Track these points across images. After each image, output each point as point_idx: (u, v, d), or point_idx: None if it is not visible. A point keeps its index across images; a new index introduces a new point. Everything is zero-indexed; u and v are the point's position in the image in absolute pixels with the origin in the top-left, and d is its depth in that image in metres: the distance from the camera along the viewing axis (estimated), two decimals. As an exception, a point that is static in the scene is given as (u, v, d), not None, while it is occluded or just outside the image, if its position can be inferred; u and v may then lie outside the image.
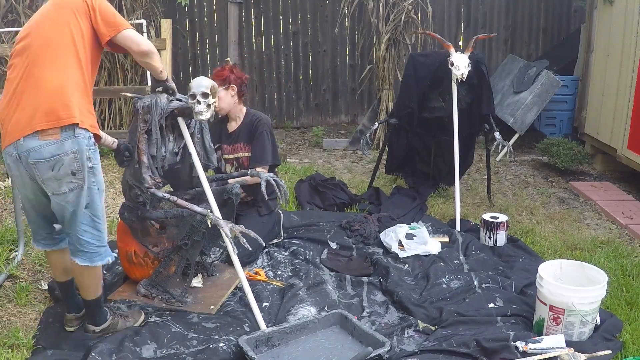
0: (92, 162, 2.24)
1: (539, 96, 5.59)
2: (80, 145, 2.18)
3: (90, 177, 2.24)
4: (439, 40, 4.02)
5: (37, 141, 2.12)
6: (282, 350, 2.45)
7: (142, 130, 2.56)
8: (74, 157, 2.16)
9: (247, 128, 3.49)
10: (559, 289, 2.47)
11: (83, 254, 2.34)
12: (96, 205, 2.30)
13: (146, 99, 2.56)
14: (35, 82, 2.16)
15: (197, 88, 2.52)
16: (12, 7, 5.53)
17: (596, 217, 4.18)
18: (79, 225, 2.28)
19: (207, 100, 2.52)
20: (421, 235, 3.49)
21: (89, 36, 2.26)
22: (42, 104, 2.13)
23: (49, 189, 2.20)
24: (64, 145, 2.14)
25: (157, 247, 2.82)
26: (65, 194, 2.20)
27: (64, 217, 2.29)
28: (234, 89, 3.40)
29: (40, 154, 2.13)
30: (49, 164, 2.14)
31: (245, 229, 2.50)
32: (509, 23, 6.82)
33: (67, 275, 2.55)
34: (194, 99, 2.51)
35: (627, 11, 4.78)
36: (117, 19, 2.28)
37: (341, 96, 7.02)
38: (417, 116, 4.23)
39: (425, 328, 2.64)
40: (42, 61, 2.18)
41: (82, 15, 2.23)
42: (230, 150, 3.52)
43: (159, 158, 2.61)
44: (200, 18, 6.63)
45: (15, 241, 3.33)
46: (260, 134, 3.44)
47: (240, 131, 3.51)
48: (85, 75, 2.24)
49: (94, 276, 2.44)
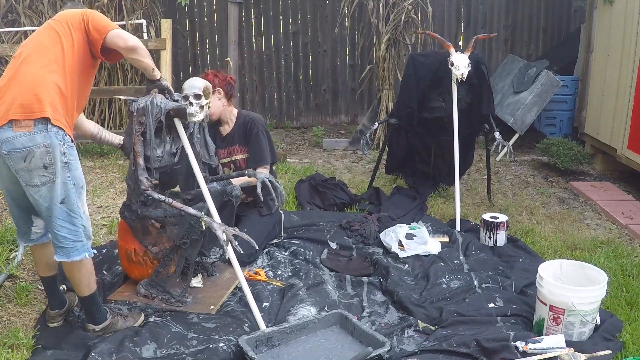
0: (68, 157, 2.28)
1: (539, 96, 5.59)
2: (52, 140, 2.22)
3: (65, 172, 2.27)
4: (439, 40, 4.02)
5: (11, 132, 2.18)
6: (282, 350, 2.45)
7: (137, 133, 2.55)
8: (45, 150, 2.21)
9: (241, 130, 3.48)
10: (559, 289, 2.47)
11: (60, 249, 2.36)
12: (72, 200, 2.32)
13: (141, 101, 2.55)
14: (18, 78, 2.26)
15: (190, 89, 2.51)
16: (12, 7, 5.53)
17: (596, 217, 4.18)
18: (55, 221, 2.30)
19: (200, 101, 2.51)
20: (421, 235, 3.49)
21: (79, 47, 2.37)
22: (19, 96, 2.21)
23: (22, 179, 2.24)
24: (35, 137, 2.19)
25: (157, 246, 2.82)
26: (38, 187, 2.24)
27: (41, 211, 2.32)
28: (221, 92, 3.39)
29: (12, 144, 2.18)
30: (21, 155, 2.19)
31: (239, 232, 2.48)
32: (509, 23, 6.82)
33: (51, 271, 2.59)
34: (186, 100, 2.50)
35: (627, 11, 4.78)
36: (105, 23, 2.38)
37: (341, 96, 7.02)
38: (417, 116, 4.23)
39: (425, 328, 2.64)
40: (29, 60, 2.29)
41: (76, 28, 2.36)
42: (226, 154, 3.52)
43: (154, 159, 2.59)
44: (200, 18, 6.63)
45: (15, 241, 3.32)
46: (256, 135, 3.44)
47: (235, 133, 3.50)
48: (67, 81, 2.31)
49: (82, 271, 2.44)
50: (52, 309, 2.63)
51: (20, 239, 2.57)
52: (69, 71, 2.32)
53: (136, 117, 2.55)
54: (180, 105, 2.55)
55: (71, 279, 2.47)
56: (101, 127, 2.89)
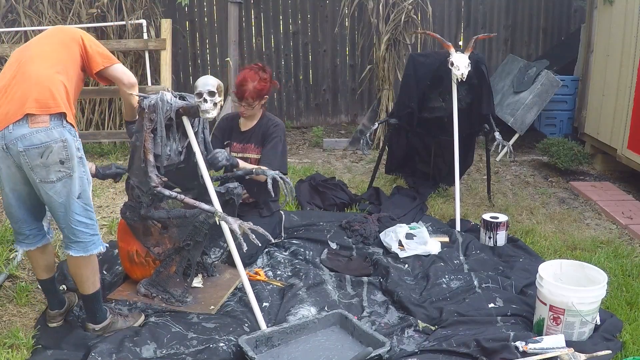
0: (81, 152, 2.30)
1: (539, 96, 5.59)
2: (67, 135, 2.23)
3: (80, 167, 2.28)
4: (439, 40, 4.02)
5: (27, 128, 2.17)
6: (282, 350, 2.45)
7: (148, 130, 2.56)
8: (62, 145, 2.21)
9: (262, 130, 3.45)
10: (559, 289, 2.47)
11: (77, 244, 2.35)
12: (87, 194, 2.34)
13: (152, 98, 2.57)
14: (25, 77, 2.26)
15: (204, 87, 2.52)
16: (12, 7, 5.53)
17: (596, 217, 4.18)
18: (72, 215, 2.29)
19: (214, 98, 2.52)
20: (421, 235, 3.49)
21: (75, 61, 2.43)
22: (33, 92, 2.21)
23: (38, 176, 2.22)
24: (52, 132, 2.19)
25: (159, 247, 2.82)
26: (53, 183, 2.23)
27: (54, 208, 2.30)
28: (266, 98, 3.41)
29: (30, 140, 2.16)
30: (39, 151, 2.18)
31: (254, 226, 2.50)
32: (509, 23, 6.82)
33: (49, 272, 2.59)
34: (200, 97, 2.51)
35: (627, 11, 4.78)
36: (110, 54, 2.56)
37: (341, 96, 7.01)
38: (417, 116, 4.22)
39: (425, 328, 2.65)
40: (34, 61, 2.31)
41: (74, 43, 2.45)
42: (240, 149, 3.48)
43: (164, 157, 2.61)
44: (200, 18, 6.63)
45: (15, 241, 3.32)
46: (274, 139, 3.40)
47: (254, 132, 3.46)
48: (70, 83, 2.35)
49: (90, 267, 2.44)
50: (52, 309, 2.63)
51: (19, 245, 2.52)
52: (70, 75, 2.37)
53: (147, 114, 2.55)
54: (189, 103, 2.56)
55: (77, 276, 2.46)
56: None
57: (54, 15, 5.55)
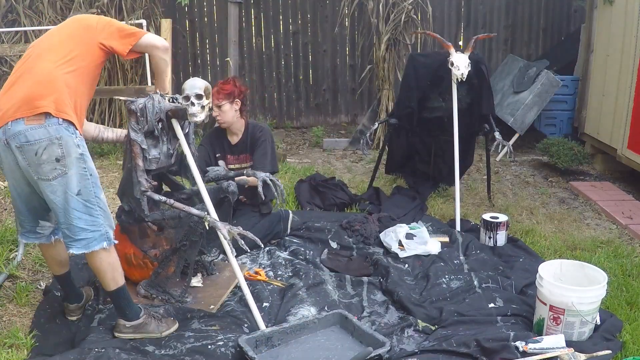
0: (82, 149, 2.29)
1: (539, 96, 5.59)
2: (63, 132, 2.22)
3: (80, 164, 2.27)
4: (439, 40, 4.02)
5: (23, 125, 2.19)
6: (282, 350, 2.45)
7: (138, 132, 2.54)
8: (58, 143, 2.21)
9: (250, 138, 3.58)
10: (559, 289, 2.47)
11: (77, 242, 2.33)
12: (89, 191, 2.31)
13: (140, 101, 2.54)
14: (29, 75, 2.28)
15: (191, 89, 2.50)
16: (12, 7, 5.52)
17: (596, 217, 4.18)
18: (71, 212, 2.28)
19: (201, 101, 2.50)
20: (421, 235, 3.49)
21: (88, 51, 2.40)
22: (31, 92, 2.22)
23: (34, 173, 2.23)
24: (47, 130, 2.19)
25: (155, 249, 2.82)
26: (49, 180, 2.23)
27: (54, 206, 2.29)
28: (238, 103, 3.44)
29: (25, 137, 2.18)
30: (34, 148, 2.19)
31: (243, 231, 2.48)
32: (509, 23, 6.82)
33: (64, 268, 2.61)
34: (187, 100, 2.49)
35: (627, 11, 4.78)
36: (131, 29, 2.49)
37: (341, 96, 7.01)
38: (417, 116, 4.22)
39: (425, 328, 2.65)
40: (43, 57, 2.32)
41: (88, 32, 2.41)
42: (236, 161, 3.59)
43: (153, 160, 2.59)
44: (200, 18, 6.63)
45: (15, 241, 3.32)
46: (262, 142, 3.53)
47: (244, 142, 3.58)
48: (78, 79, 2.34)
49: (104, 263, 2.39)
50: (71, 302, 2.67)
51: (22, 237, 2.54)
52: (80, 66, 2.35)
53: (135, 117, 2.54)
54: (178, 106, 2.54)
55: (95, 271, 2.45)
56: (100, 125, 2.88)
57: (54, 15, 5.55)
